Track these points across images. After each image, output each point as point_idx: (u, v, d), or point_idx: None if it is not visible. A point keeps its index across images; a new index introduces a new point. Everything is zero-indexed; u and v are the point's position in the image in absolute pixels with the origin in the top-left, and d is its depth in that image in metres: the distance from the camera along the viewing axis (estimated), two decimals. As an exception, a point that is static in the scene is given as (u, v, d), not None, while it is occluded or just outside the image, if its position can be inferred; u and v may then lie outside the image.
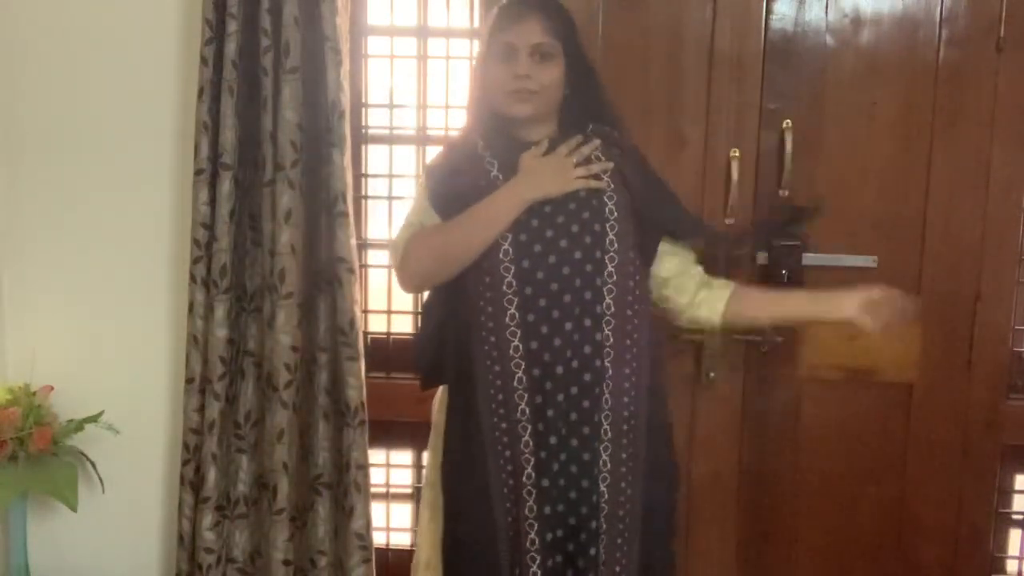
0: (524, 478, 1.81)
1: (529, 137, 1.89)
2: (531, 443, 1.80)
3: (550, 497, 1.82)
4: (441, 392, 1.98)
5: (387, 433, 2.54)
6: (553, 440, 1.81)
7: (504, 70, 1.83)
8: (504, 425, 1.82)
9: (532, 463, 1.81)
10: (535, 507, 1.81)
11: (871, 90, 2.36)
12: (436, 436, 1.97)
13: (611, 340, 1.82)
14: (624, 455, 1.83)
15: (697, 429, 2.45)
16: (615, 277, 1.84)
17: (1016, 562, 2.56)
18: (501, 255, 1.82)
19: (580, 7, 1.96)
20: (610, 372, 1.82)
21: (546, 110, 1.88)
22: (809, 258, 2.39)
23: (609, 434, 1.82)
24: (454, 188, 1.88)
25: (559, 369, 1.81)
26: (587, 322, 1.82)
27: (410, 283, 1.95)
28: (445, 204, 1.87)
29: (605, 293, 1.83)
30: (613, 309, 1.83)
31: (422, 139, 2.54)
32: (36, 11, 2.40)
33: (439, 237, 1.87)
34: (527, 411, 1.80)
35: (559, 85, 1.86)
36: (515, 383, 1.80)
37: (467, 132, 1.96)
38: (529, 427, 1.80)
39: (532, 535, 1.81)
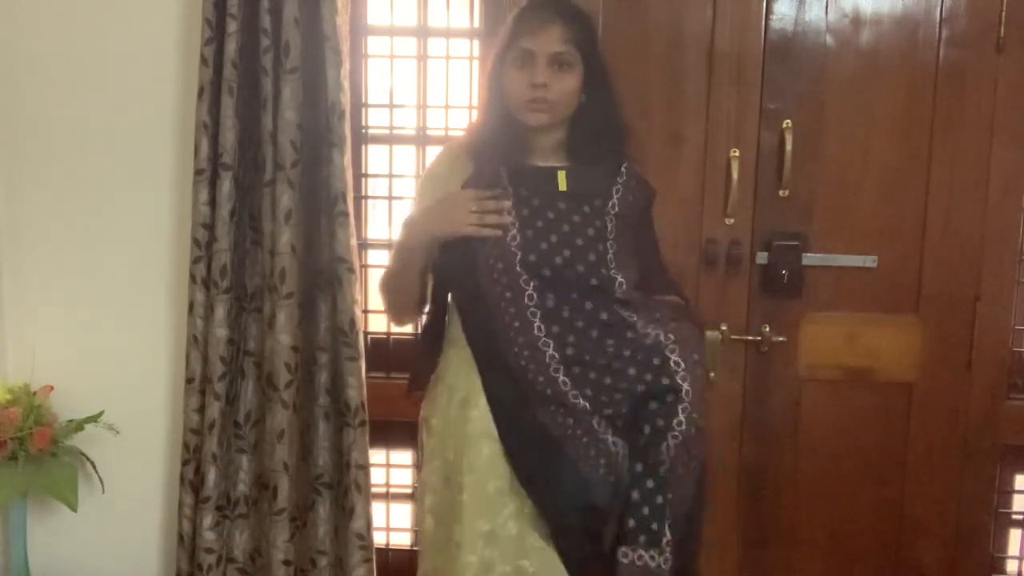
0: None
1: (539, 142, 1.86)
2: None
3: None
4: (434, 391, 1.96)
5: (387, 433, 2.54)
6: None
7: (521, 77, 1.80)
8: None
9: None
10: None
11: (871, 90, 2.36)
12: (429, 436, 1.94)
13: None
14: None
15: (697, 429, 2.45)
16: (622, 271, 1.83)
17: (1016, 562, 2.56)
18: (509, 242, 1.81)
19: (581, 7, 1.96)
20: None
21: (561, 118, 1.85)
22: (809, 258, 2.39)
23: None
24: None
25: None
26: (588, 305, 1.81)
27: (392, 318, 2.07)
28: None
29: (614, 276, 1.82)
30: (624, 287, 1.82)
31: (422, 139, 2.54)
32: (36, 11, 2.40)
33: (386, 274, 1.95)
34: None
35: (576, 93, 1.83)
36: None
37: (474, 133, 1.94)
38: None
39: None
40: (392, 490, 2.66)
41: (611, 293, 1.81)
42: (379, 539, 2.55)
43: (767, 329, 2.41)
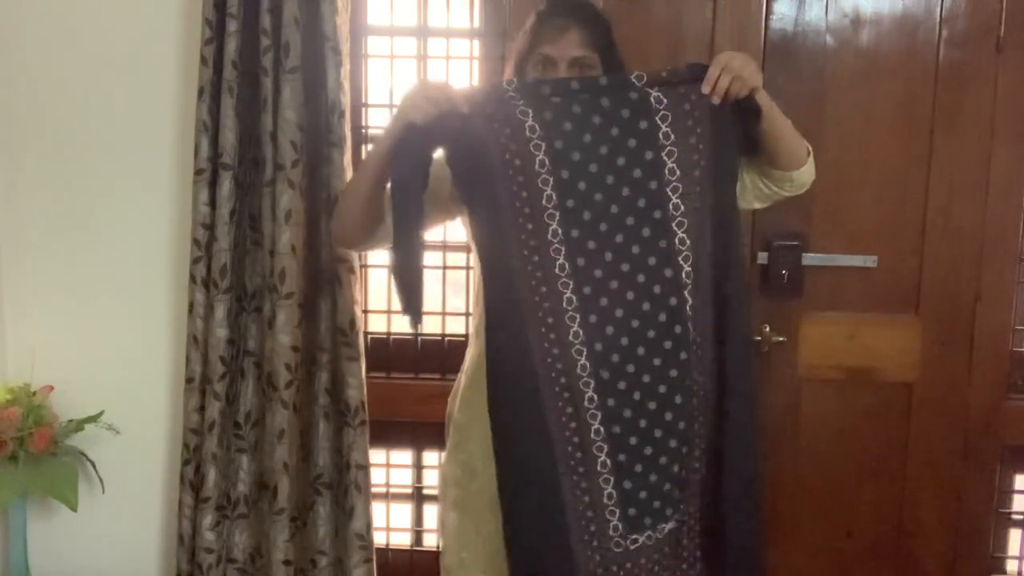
0: (586, 402, 1.73)
1: None
2: (588, 366, 1.73)
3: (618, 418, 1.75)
4: (458, 385, 1.97)
5: (387, 433, 2.54)
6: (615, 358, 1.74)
7: None
8: (556, 351, 1.73)
9: (593, 385, 1.74)
10: (601, 429, 1.74)
11: (871, 90, 2.36)
12: (453, 431, 1.95)
13: (686, 243, 1.75)
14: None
15: (697, 429, 2.45)
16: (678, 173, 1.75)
17: (1016, 562, 2.56)
18: (537, 166, 1.72)
19: (597, 7, 1.96)
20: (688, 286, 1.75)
21: None
22: (809, 258, 2.39)
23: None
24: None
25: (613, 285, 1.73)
26: (645, 231, 1.74)
27: (336, 235, 2.03)
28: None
29: (670, 193, 1.74)
30: (682, 208, 1.75)
31: (422, 139, 2.53)
32: (36, 11, 2.40)
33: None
34: (580, 334, 1.73)
35: None
36: (564, 304, 1.72)
37: None
38: (585, 350, 1.74)
39: (603, 457, 1.75)
40: (392, 490, 2.66)
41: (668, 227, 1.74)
42: (379, 539, 2.55)
43: (767, 329, 2.41)
